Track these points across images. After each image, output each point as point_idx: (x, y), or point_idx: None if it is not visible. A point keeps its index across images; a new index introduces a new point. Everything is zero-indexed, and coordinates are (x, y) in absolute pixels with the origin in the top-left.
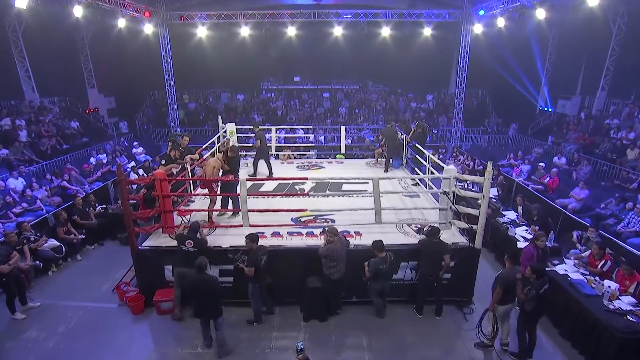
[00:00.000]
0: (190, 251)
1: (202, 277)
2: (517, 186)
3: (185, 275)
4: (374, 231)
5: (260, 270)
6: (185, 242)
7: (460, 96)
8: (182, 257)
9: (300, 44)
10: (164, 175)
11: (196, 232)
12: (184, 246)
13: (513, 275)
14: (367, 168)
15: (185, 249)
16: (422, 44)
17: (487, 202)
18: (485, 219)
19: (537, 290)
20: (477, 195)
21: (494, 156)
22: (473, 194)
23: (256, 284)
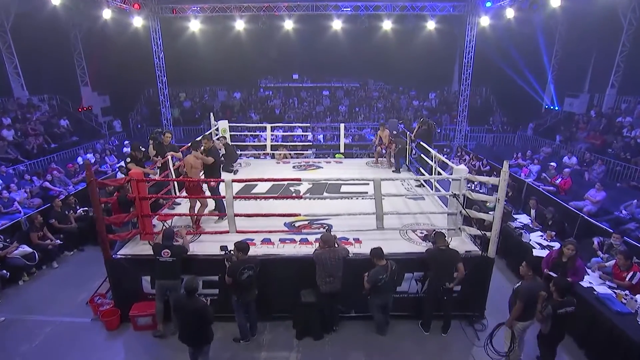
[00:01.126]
0: (169, 261)
1: (191, 302)
2: (528, 187)
3: (166, 288)
4: (375, 238)
5: (239, 284)
6: (162, 251)
7: (465, 93)
8: (160, 269)
9: (299, 39)
10: (141, 175)
11: (171, 239)
12: (161, 257)
13: (536, 289)
14: (368, 168)
15: (163, 260)
16: (425, 39)
17: (502, 206)
18: (500, 224)
19: (555, 310)
20: (491, 199)
21: (500, 156)
22: (486, 197)
23: (235, 297)
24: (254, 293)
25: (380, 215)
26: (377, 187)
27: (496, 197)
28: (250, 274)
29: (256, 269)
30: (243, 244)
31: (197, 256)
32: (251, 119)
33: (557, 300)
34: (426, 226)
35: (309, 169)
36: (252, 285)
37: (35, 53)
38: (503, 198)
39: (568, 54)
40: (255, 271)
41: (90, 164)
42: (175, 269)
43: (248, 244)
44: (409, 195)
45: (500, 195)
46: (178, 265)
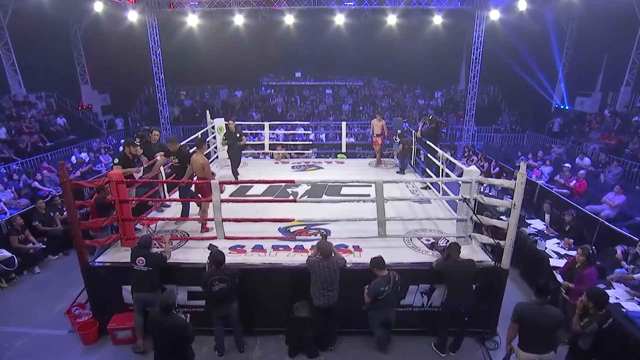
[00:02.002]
0: (143, 271)
1: (168, 320)
2: (541, 190)
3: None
4: (376, 246)
5: (211, 297)
6: (136, 259)
7: (473, 91)
8: (135, 279)
9: (300, 35)
10: (121, 175)
11: (147, 247)
12: (135, 264)
13: (538, 311)
14: (370, 169)
15: (137, 269)
16: (431, 35)
17: (518, 212)
18: (516, 232)
19: (600, 325)
20: (506, 204)
21: (509, 156)
22: (500, 201)
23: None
24: (231, 307)
25: (382, 221)
26: (378, 191)
27: (511, 202)
28: (223, 287)
29: (231, 282)
30: (217, 255)
31: (181, 264)
32: (252, 118)
33: (598, 314)
34: (433, 233)
35: (308, 169)
36: (226, 298)
37: (34, 50)
38: (519, 204)
39: (579, 51)
40: (230, 284)
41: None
42: (151, 280)
43: (223, 255)
44: (414, 198)
45: (516, 201)
46: (155, 275)
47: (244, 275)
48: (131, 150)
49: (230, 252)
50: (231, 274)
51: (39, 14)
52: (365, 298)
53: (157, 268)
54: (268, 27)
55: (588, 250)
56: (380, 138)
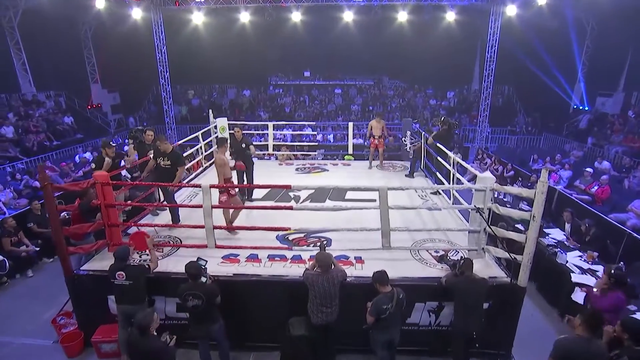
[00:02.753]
0: (126, 285)
1: (144, 342)
2: (560, 197)
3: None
4: (380, 257)
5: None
6: (116, 274)
7: (487, 91)
8: (118, 292)
9: (309, 33)
10: (106, 178)
11: (125, 259)
12: (116, 280)
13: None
14: (377, 172)
15: (118, 283)
16: (444, 32)
17: (538, 225)
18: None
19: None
20: (524, 215)
21: (525, 159)
22: (518, 212)
23: None
24: (212, 328)
25: (386, 231)
26: (382, 198)
27: (530, 214)
28: (198, 304)
29: (208, 300)
30: (192, 268)
31: (170, 274)
32: (260, 118)
33: (634, 348)
34: (442, 243)
35: (313, 171)
36: (204, 317)
37: (44, 49)
38: (540, 215)
39: (601, 49)
40: (206, 302)
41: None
42: (135, 293)
43: (199, 268)
44: (422, 205)
45: (535, 212)
46: (138, 288)
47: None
48: (107, 152)
49: (223, 261)
50: (207, 291)
51: (50, 13)
52: (367, 317)
53: (140, 280)
54: (275, 25)
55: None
56: (382, 140)
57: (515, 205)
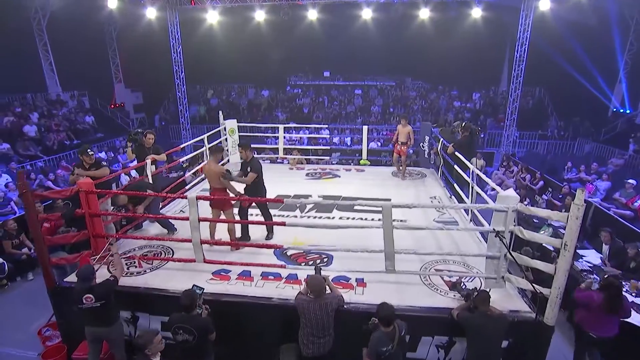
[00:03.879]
0: (97, 307)
1: None
2: (596, 212)
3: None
4: (384, 280)
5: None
6: (83, 298)
7: (516, 93)
8: (88, 317)
9: (328, 32)
10: (91, 185)
11: (89, 279)
12: (83, 304)
13: None
14: (391, 179)
15: (87, 307)
16: (469, 30)
17: (571, 255)
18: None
19: None
20: (554, 242)
21: (556, 167)
22: (546, 238)
23: None
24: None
25: (390, 253)
26: (386, 217)
27: (562, 242)
28: (188, 340)
29: (200, 336)
30: (186, 298)
31: (153, 290)
32: (277, 119)
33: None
34: (456, 266)
35: (324, 177)
36: (192, 353)
37: (71, 50)
38: (573, 243)
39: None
40: (198, 338)
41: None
42: (109, 312)
43: (195, 299)
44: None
45: (568, 239)
46: (111, 306)
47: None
48: (85, 159)
49: (213, 277)
50: (200, 326)
51: (76, 15)
52: (364, 358)
53: (110, 298)
54: (291, 23)
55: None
56: (406, 147)
57: (544, 219)
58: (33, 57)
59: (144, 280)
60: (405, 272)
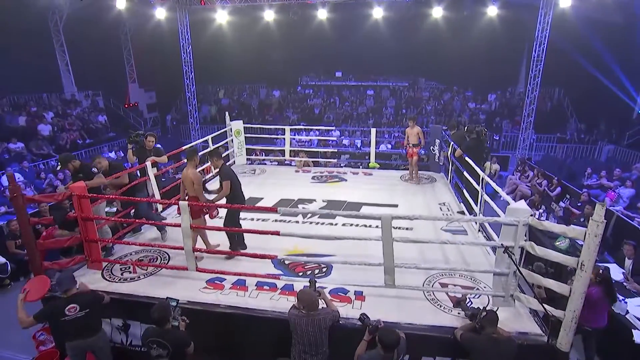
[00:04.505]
0: (80, 316)
1: None
2: (618, 221)
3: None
4: (385, 294)
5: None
6: (66, 309)
7: (533, 94)
8: (70, 330)
9: (338, 32)
10: (84, 189)
11: (71, 287)
12: (66, 316)
13: None
14: (400, 184)
15: (70, 318)
16: (485, 29)
17: (588, 276)
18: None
19: None
20: (570, 261)
21: (576, 172)
22: (562, 256)
23: None
24: None
25: (389, 267)
26: (385, 229)
27: (577, 261)
28: (162, 355)
29: (175, 351)
30: (156, 311)
31: (143, 298)
32: (288, 119)
33: None
34: (462, 280)
35: (329, 180)
36: None
37: (86, 50)
38: (591, 263)
39: None
40: (172, 352)
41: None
42: (92, 322)
43: (167, 311)
44: (445, 227)
45: (585, 259)
46: (95, 315)
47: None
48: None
49: (206, 286)
50: (175, 340)
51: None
52: None
53: (96, 307)
54: (301, 23)
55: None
56: (418, 148)
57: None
58: (50, 57)
59: (137, 287)
60: (406, 287)
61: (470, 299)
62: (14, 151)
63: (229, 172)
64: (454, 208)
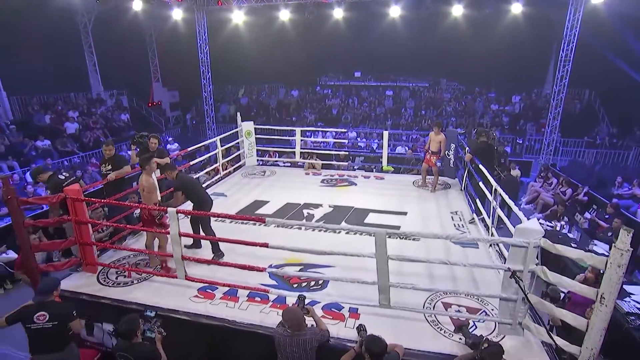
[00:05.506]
0: (47, 327)
1: None
2: None
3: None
4: (381, 313)
5: None
6: (34, 316)
7: (559, 96)
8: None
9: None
10: (78, 192)
11: (49, 292)
12: (34, 323)
13: None
14: (412, 191)
15: (37, 327)
16: (509, 27)
17: (610, 309)
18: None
19: None
20: (586, 292)
21: (605, 180)
22: (578, 286)
23: None
24: None
25: (384, 287)
26: (379, 246)
27: (597, 292)
28: None
29: None
30: (123, 324)
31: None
32: (306, 119)
33: None
34: (468, 300)
35: (339, 184)
36: None
37: (113, 51)
38: (612, 297)
39: None
40: None
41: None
42: (59, 336)
43: (134, 324)
44: (455, 238)
45: (606, 291)
46: (64, 331)
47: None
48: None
49: (197, 295)
50: (141, 355)
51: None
52: None
53: (65, 323)
54: (318, 22)
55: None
56: (436, 157)
57: (586, 243)
58: (79, 58)
59: (129, 292)
60: (402, 307)
61: (475, 323)
62: (41, 148)
63: (182, 181)
64: (466, 217)
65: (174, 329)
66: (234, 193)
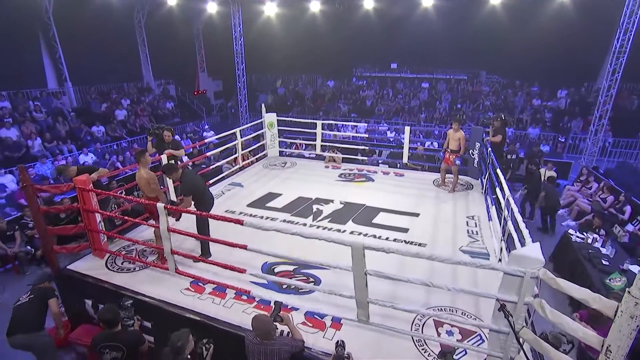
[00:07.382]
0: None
1: None
2: None
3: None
4: (364, 326)
5: None
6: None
7: (610, 92)
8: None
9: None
10: (88, 182)
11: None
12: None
13: None
14: (431, 189)
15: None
16: (556, 16)
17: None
18: None
19: None
20: (591, 340)
21: None
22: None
23: None
24: None
25: (362, 302)
26: (356, 259)
27: (603, 343)
28: (117, 357)
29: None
30: (106, 313)
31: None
32: (339, 110)
33: None
34: (464, 319)
35: (356, 179)
36: None
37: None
38: (622, 351)
39: None
40: (127, 354)
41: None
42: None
43: (117, 313)
44: (463, 247)
45: (613, 344)
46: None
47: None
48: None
49: (188, 288)
50: (128, 340)
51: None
52: None
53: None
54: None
55: None
56: (455, 156)
57: (620, 261)
58: (133, 51)
59: (128, 278)
60: (381, 325)
61: (465, 350)
62: (95, 134)
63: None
64: (483, 223)
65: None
66: (250, 184)
